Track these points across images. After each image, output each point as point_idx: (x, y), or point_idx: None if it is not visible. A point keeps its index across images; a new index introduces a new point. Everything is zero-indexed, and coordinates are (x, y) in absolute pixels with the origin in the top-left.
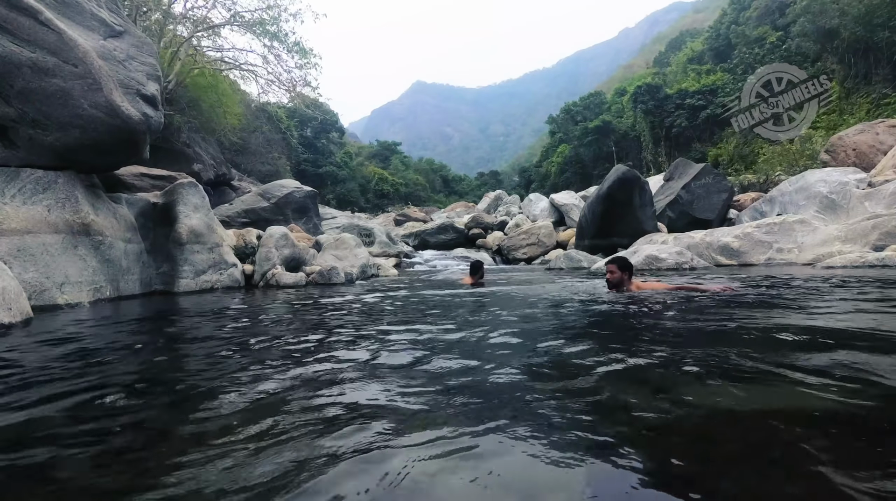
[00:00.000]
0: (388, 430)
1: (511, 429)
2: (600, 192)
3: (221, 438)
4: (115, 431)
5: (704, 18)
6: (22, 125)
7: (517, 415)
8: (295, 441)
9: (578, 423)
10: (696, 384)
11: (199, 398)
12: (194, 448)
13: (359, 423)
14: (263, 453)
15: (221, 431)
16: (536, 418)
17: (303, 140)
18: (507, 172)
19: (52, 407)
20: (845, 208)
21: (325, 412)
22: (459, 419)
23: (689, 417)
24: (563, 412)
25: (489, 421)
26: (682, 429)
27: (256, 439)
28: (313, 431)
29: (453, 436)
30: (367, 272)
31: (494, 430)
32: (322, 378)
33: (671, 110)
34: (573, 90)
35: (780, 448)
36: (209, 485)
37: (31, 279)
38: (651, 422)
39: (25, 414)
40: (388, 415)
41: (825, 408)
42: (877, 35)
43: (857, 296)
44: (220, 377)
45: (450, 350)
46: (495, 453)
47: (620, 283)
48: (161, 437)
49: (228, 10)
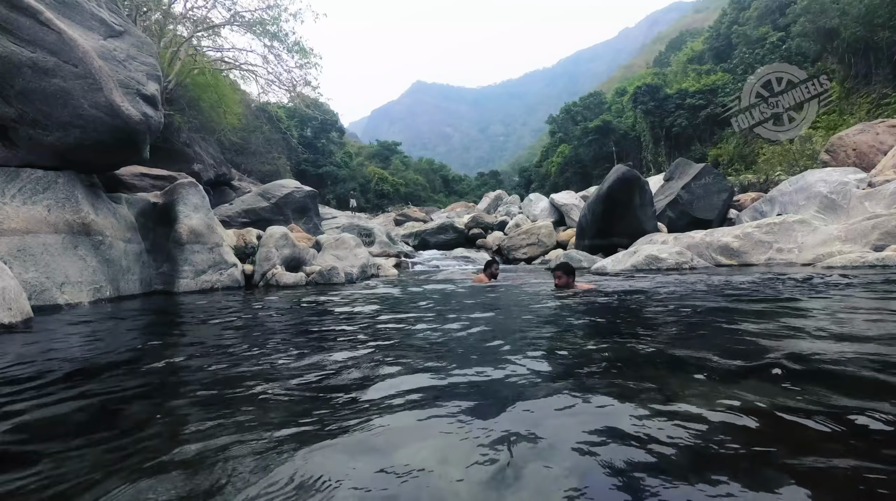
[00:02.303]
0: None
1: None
2: (600, 192)
3: (223, 437)
4: (115, 429)
5: (704, 18)
6: (22, 125)
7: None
8: (296, 443)
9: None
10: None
11: (199, 398)
12: (195, 448)
13: (362, 419)
14: (263, 453)
15: (223, 431)
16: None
17: (303, 140)
18: (507, 172)
19: (52, 407)
20: (845, 208)
21: (328, 413)
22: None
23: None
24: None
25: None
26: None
27: (256, 439)
28: (314, 430)
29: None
30: (368, 272)
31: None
32: (323, 378)
33: (671, 110)
34: (573, 90)
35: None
36: (209, 486)
37: (31, 279)
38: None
39: (26, 415)
40: (393, 413)
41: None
42: (877, 35)
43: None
44: (221, 377)
45: (456, 350)
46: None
47: (567, 285)
48: (162, 437)
49: (228, 10)
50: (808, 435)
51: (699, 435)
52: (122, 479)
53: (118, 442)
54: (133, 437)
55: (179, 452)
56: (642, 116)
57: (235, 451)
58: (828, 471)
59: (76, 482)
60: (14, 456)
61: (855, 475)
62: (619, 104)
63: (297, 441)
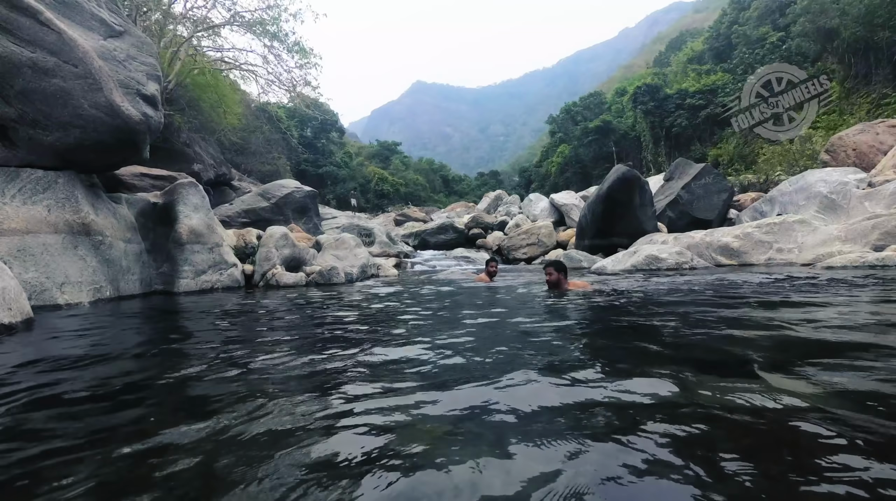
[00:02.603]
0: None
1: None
2: (600, 192)
3: (223, 438)
4: (114, 428)
5: (704, 18)
6: (22, 125)
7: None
8: (296, 442)
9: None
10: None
11: (199, 397)
12: (196, 447)
13: (363, 417)
14: (265, 454)
15: (223, 431)
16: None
17: (303, 140)
18: (507, 172)
19: (53, 406)
20: (845, 208)
21: (330, 413)
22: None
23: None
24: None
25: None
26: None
27: (259, 438)
28: (317, 428)
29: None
30: (368, 272)
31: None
32: (323, 378)
33: (671, 110)
34: (573, 90)
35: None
36: (212, 484)
37: (31, 279)
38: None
39: (24, 414)
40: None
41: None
42: (877, 35)
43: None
44: (221, 376)
45: (460, 350)
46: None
47: (558, 283)
48: (161, 437)
49: (228, 10)
50: (808, 436)
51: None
52: (123, 480)
53: (119, 443)
54: (133, 437)
55: (179, 452)
56: (642, 116)
57: (234, 451)
58: (828, 471)
59: (77, 481)
60: (15, 455)
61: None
62: (619, 104)
63: (298, 441)
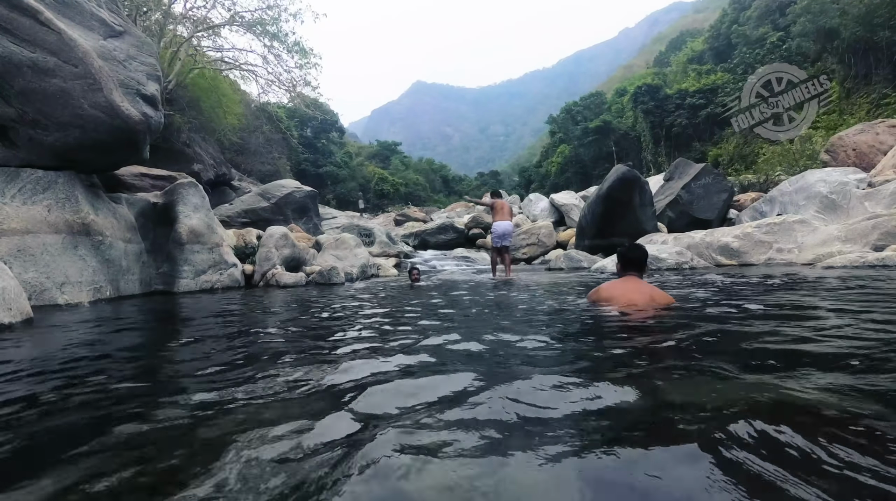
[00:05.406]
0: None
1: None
2: (600, 192)
3: (223, 437)
4: (115, 428)
5: (704, 18)
6: (22, 125)
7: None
8: (297, 442)
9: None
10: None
11: (199, 397)
12: (196, 447)
13: (364, 416)
14: (266, 454)
15: (223, 430)
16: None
17: (303, 140)
18: (507, 172)
19: (52, 407)
20: (845, 208)
21: (332, 416)
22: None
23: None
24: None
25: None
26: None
27: (259, 439)
28: (317, 427)
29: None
30: (367, 272)
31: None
32: (323, 378)
33: (671, 110)
34: (573, 90)
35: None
36: (212, 484)
37: (31, 279)
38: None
39: (26, 415)
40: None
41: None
42: (877, 35)
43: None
44: (221, 376)
45: (461, 350)
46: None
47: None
48: (162, 436)
49: (228, 11)
50: (808, 436)
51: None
52: (125, 479)
53: (118, 443)
54: (133, 438)
55: (179, 452)
56: (642, 116)
57: (234, 451)
58: (826, 473)
59: (77, 483)
60: (15, 457)
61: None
62: (619, 104)
63: (299, 443)
